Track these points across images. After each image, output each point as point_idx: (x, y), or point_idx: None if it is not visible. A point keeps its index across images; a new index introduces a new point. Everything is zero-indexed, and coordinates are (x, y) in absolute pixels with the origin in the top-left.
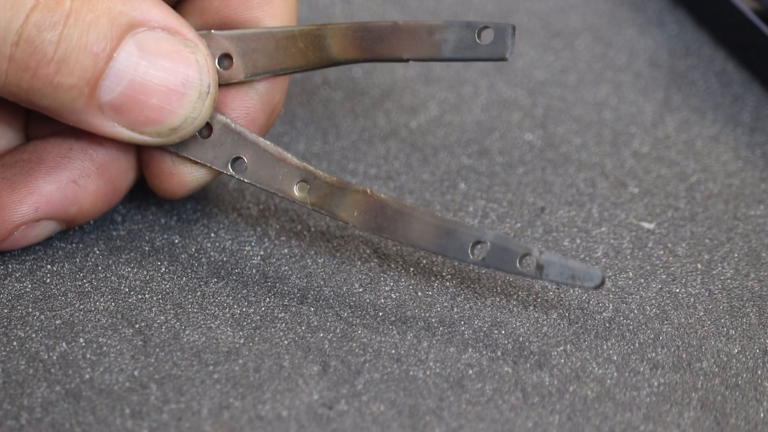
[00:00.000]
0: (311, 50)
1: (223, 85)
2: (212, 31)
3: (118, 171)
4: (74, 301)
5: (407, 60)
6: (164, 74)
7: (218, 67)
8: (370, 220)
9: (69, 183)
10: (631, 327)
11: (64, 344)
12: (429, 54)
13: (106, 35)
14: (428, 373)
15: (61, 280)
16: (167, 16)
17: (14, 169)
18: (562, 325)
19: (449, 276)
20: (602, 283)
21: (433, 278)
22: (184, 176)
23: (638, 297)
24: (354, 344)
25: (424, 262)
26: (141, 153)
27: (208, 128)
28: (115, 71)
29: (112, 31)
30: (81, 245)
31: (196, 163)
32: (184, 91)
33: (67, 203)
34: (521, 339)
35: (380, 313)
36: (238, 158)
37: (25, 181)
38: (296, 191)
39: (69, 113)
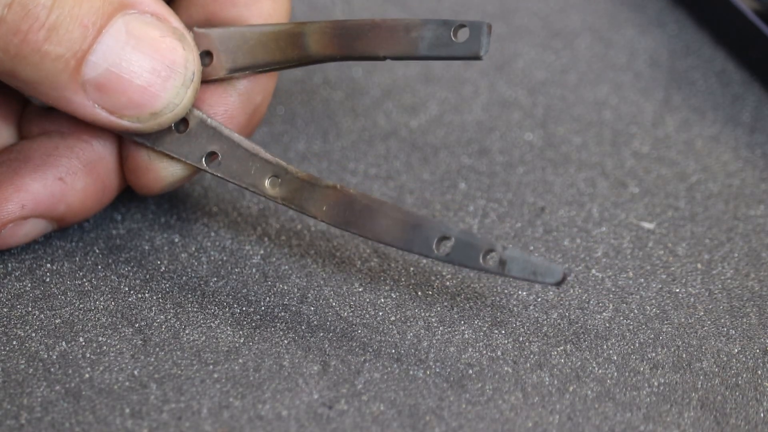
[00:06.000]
0: (290, 48)
1: (204, 82)
2: (194, 28)
3: (106, 169)
4: (74, 300)
5: (384, 58)
6: (150, 57)
7: None
8: (338, 214)
9: (55, 180)
10: (631, 327)
11: (63, 343)
12: (405, 51)
13: (98, 10)
14: (428, 372)
15: (60, 279)
16: (157, 3)
17: (0, 168)
18: (562, 325)
19: (449, 276)
20: (563, 280)
21: (433, 278)
22: (160, 171)
23: (638, 297)
24: (354, 344)
25: (424, 262)
26: (121, 149)
27: (184, 123)
28: (102, 48)
29: (104, 7)
30: (81, 244)
31: (171, 158)
32: (169, 75)
33: (55, 201)
34: (521, 339)
35: (380, 313)
36: (211, 153)
37: (11, 179)
38: (268, 186)
39: (51, 88)
